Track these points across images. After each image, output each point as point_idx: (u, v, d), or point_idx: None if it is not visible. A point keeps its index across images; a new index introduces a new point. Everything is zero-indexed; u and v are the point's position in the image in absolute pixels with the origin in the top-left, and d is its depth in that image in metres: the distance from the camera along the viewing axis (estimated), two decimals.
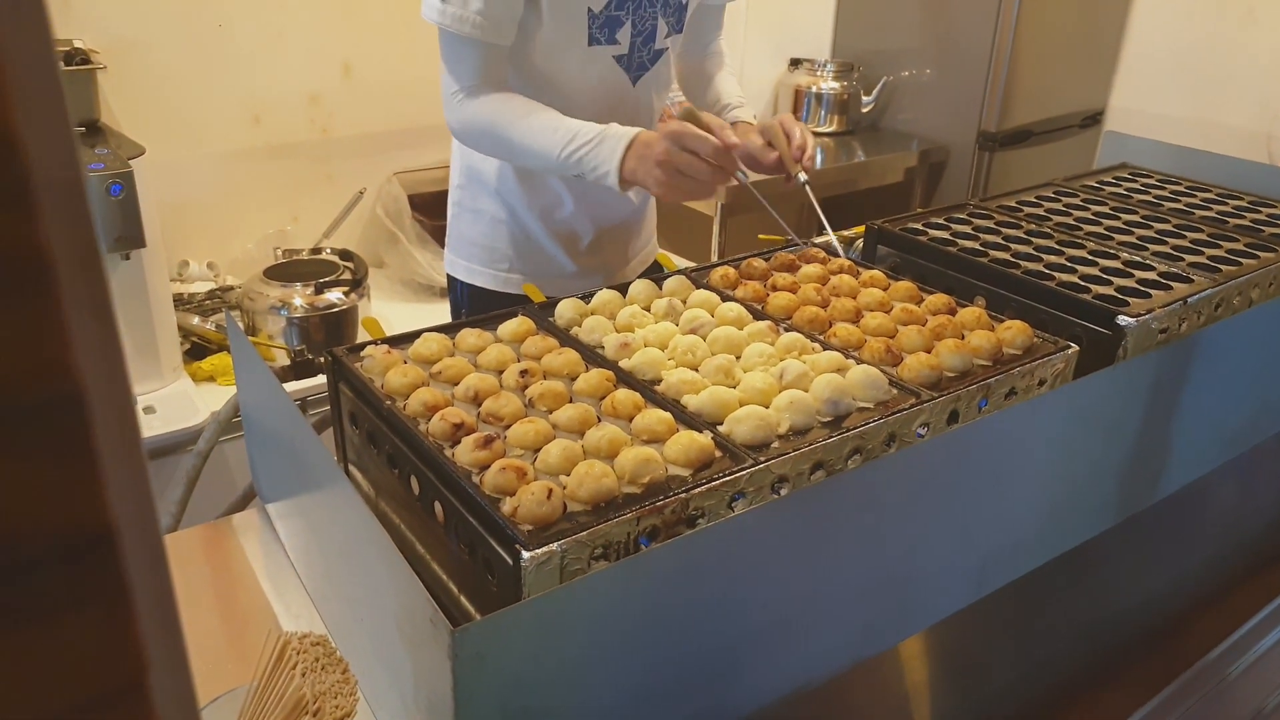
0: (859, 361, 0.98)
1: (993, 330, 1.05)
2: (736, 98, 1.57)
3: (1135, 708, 1.09)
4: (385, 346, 0.99)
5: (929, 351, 1.01)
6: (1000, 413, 0.90)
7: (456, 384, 0.95)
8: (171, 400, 1.93)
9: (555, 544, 0.71)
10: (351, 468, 1.05)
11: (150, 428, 1.83)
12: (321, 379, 1.06)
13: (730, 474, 0.80)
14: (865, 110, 3.10)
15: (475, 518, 0.77)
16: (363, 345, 1.01)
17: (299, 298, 2.10)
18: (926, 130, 3.06)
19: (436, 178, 2.64)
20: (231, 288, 2.34)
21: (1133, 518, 1.15)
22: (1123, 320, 1.08)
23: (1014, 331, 1.03)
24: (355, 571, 0.82)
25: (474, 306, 1.57)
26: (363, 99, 2.52)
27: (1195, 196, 1.53)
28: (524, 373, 0.95)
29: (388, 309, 2.39)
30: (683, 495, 0.78)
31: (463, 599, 0.85)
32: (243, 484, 1.24)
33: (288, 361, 1.18)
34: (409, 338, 1.04)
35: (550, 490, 0.75)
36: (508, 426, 0.87)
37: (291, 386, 1.47)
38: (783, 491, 0.83)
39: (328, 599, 0.95)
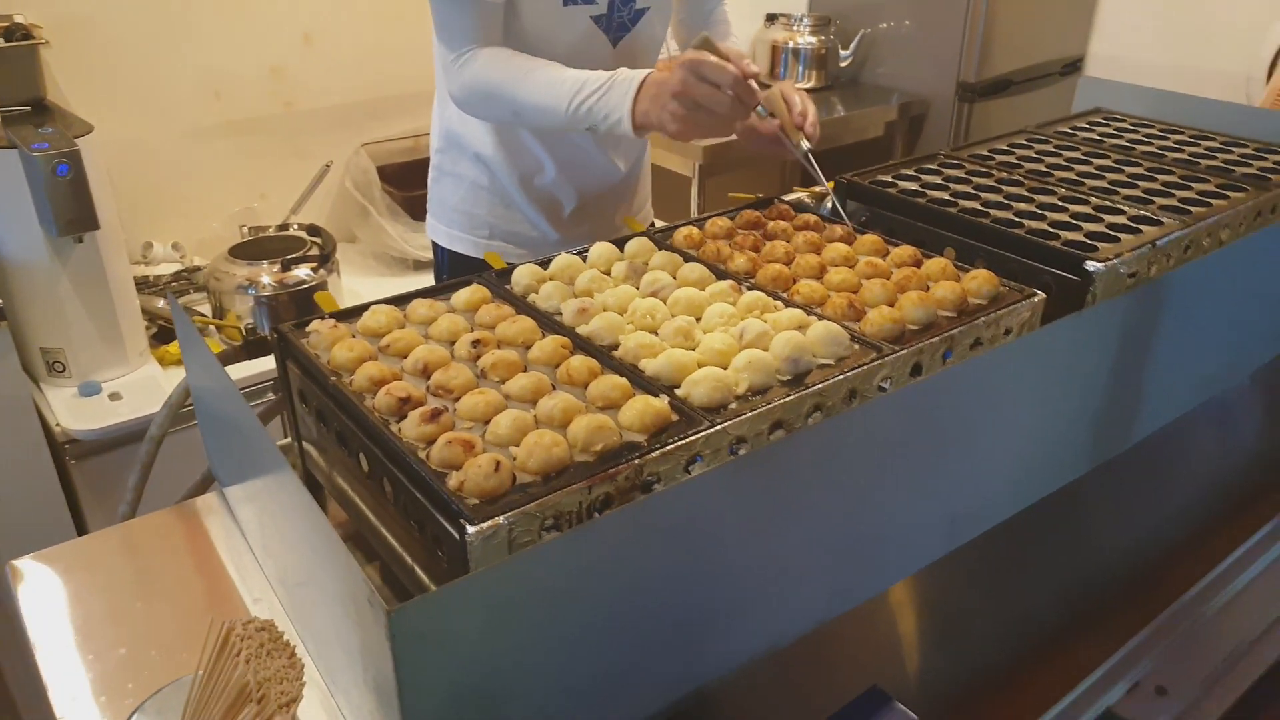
0: (821, 318, 0.96)
1: (958, 281, 1.03)
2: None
3: (1113, 650, 1.09)
4: (331, 321, 0.96)
5: (892, 305, 0.98)
6: (964, 364, 0.88)
7: (406, 357, 0.92)
8: (138, 386, 1.90)
9: (501, 517, 0.69)
10: (307, 445, 1.02)
11: (117, 414, 1.80)
12: None
13: (686, 437, 0.78)
14: (844, 64, 3.05)
15: (422, 493, 0.75)
16: (309, 320, 0.98)
17: (266, 276, 2.06)
18: (906, 83, 3.01)
19: (405, 148, 2.59)
20: (198, 268, 2.30)
21: (1108, 464, 1.13)
22: (1090, 266, 1.06)
23: (979, 281, 1.01)
24: (302, 554, 0.80)
25: (456, 273, 1.53)
26: (326, 70, 2.47)
27: (1168, 139, 1.50)
28: (476, 343, 0.93)
29: (360, 283, 2.36)
30: (636, 461, 0.75)
31: (422, 575, 0.83)
32: (204, 467, 1.22)
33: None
34: (358, 311, 1.01)
35: (498, 462, 0.73)
36: (458, 399, 0.85)
37: (251, 366, 1.45)
38: (741, 453, 0.81)
39: (284, 582, 0.93)
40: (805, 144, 1.27)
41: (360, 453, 0.85)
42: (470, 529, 0.68)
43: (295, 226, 2.32)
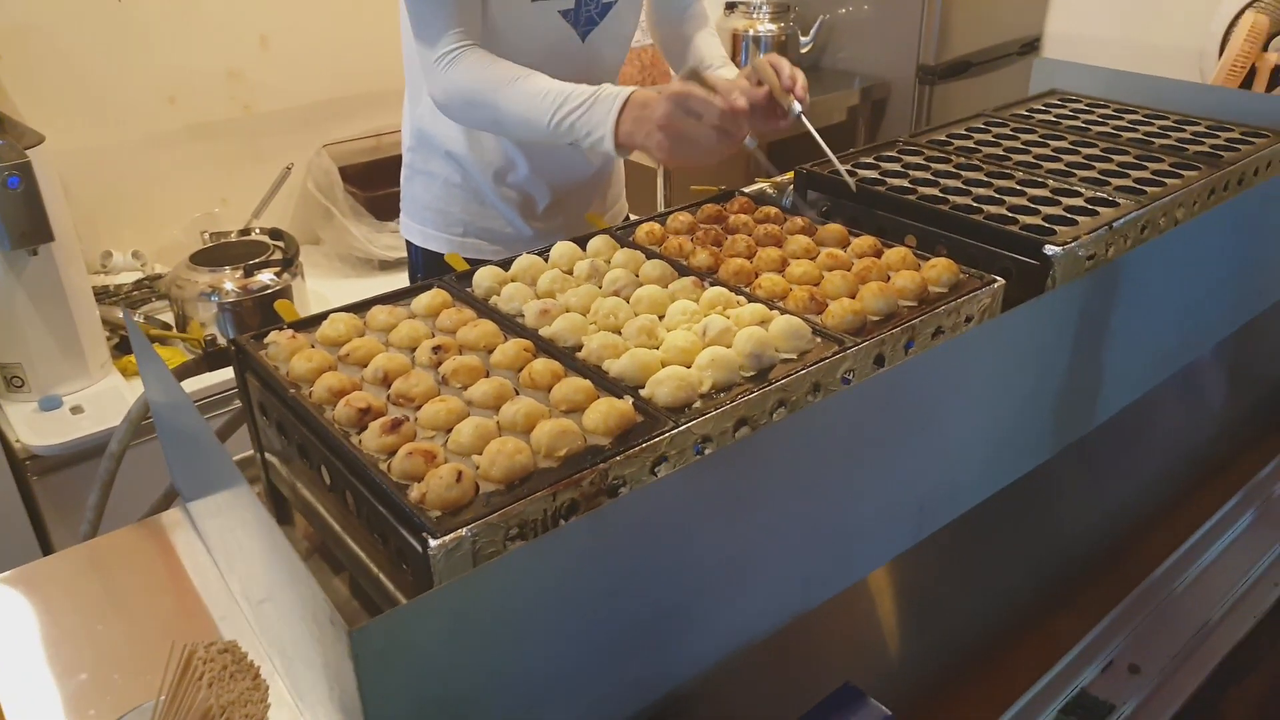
0: (784, 312, 0.96)
1: (918, 270, 1.03)
2: (719, 58, 1.49)
3: (1086, 630, 1.10)
4: (290, 331, 0.95)
5: (853, 297, 0.98)
6: (926, 353, 0.88)
7: (366, 365, 0.91)
8: (101, 398, 1.87)
9: (464, 529, 0.69)
10: (270, 457, 1.01)
11: (79, 428, 1.77)
12: None
13: (650, 439, 0.78)
14: (804, 50, 3.05)
15: (384, 506, 0.74)
16: (267, 331, 0.97)
17: (229, 282, 2.03)
18: (867, 67, 3.01)
19: (367, 147, 2.57)
20: (160, 276, 2.26)
21: (1073, 444, 1.14)
22: (1049, 250, 1.06)
23: (939, 269, 1.01)
24: (264, 571, 0.79)
25: (430, 271, 1.52)
26: (284, 72, 2.43)
27: (1122, 119, 1.51)
28: (437, 349, 0.92)
29: (326, 286, 2.33)
30: (601, 465, 0.75)
31: (389, 586, 0.82)
32: (167, 481, 1.20)
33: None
34: (319, 320, 1.00)
35: (459, 472, 0.72)
36: (419, 407, 0.84)
37: (215, 376, 1.43)
38: (706, 452, 0.81)
39: (249, 598, 0.92)
40: (797, 106, 1.25)
41: (321, 465, 0.84)
42: (433, 542, 0.67)
43: (257, 231, 2.29)
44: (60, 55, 2.10)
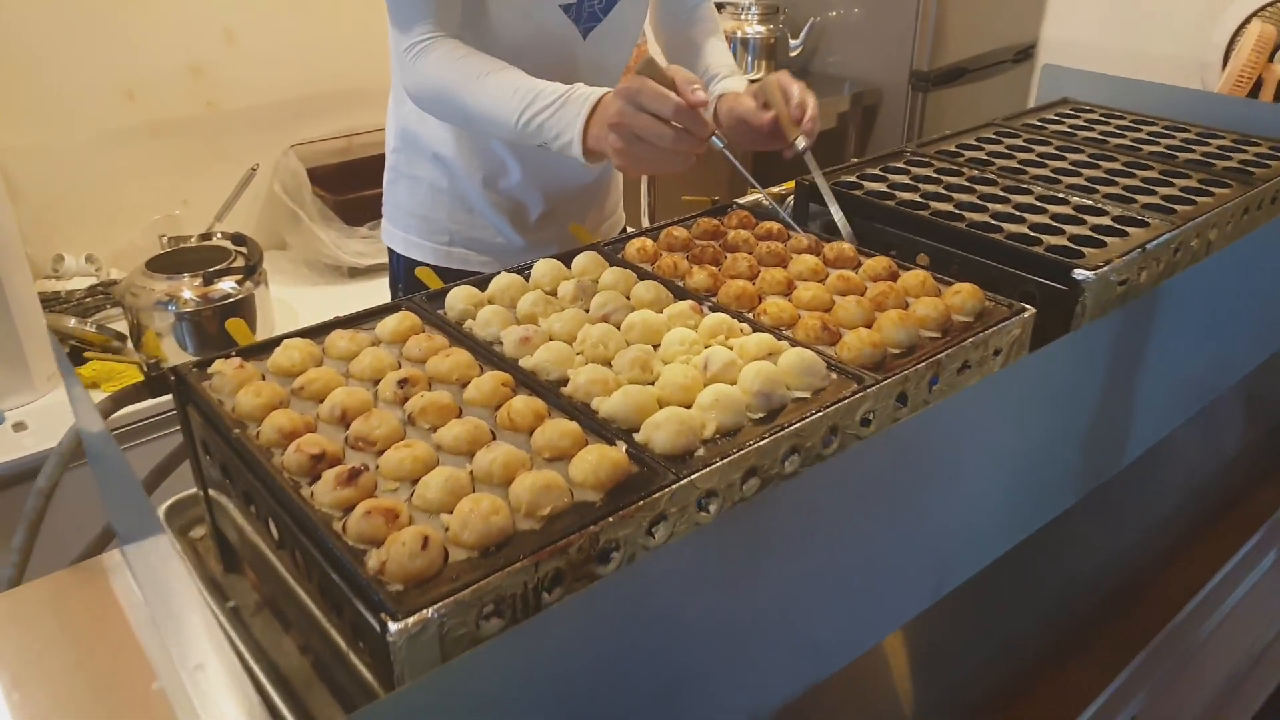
0: (793, 343, 0.86)
1: (939, 296, 0.93)
2: (726, 67, 1.38)
3: (1105, 681, 1.02)
4: (237, 361, 0.84)
5: (870, 326, 0.88)
6: (958, 395, 0.79)
7: (323, 400, 0.80)
8: (47, 414, 1.74)
9: (430, 609, 0.58)
10: (216, 495, 0.90)
11: (21, 447, 1.65)
12: None
13: (648, 495, 0.68)
14: (793, 54, 2.96)
15: (337, 574, 0.64)
16: (212, 359, 0.86)
17: (187, 290, 1.91)
18: (858, 72, 2.93)
19: (337, 148, 2.45)
20: (115, 282, 2.13)
21: None
22: (1079, 274, 0.97)
23: (963, 296, 0.92)
24: (195, 636, 0.68)
25: (412, 283, 1.41)
26: (250, 68, 2.31)
27: (1141, 130, 1.43)
28: (403, 382, 0.81)
29: (292, 294, 2.21)
30: (591, 528, 0.65)
31: (351, 656, 0.72)
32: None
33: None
34: (273, 345, 0.89)
35: (425, 538, 0.62)
36: (381, 452, 0.73)
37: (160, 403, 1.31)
38: (711, 508, 0.71)
39: (184, 664, 0.80)
40: (802, 142, 1.14)
41: (269, 518, 0.73)
42: (393, 626, 0.57)
43: (219, 235, 2.17)
44: (7, 44, 1.97)
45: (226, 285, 1.94)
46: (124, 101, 2.17)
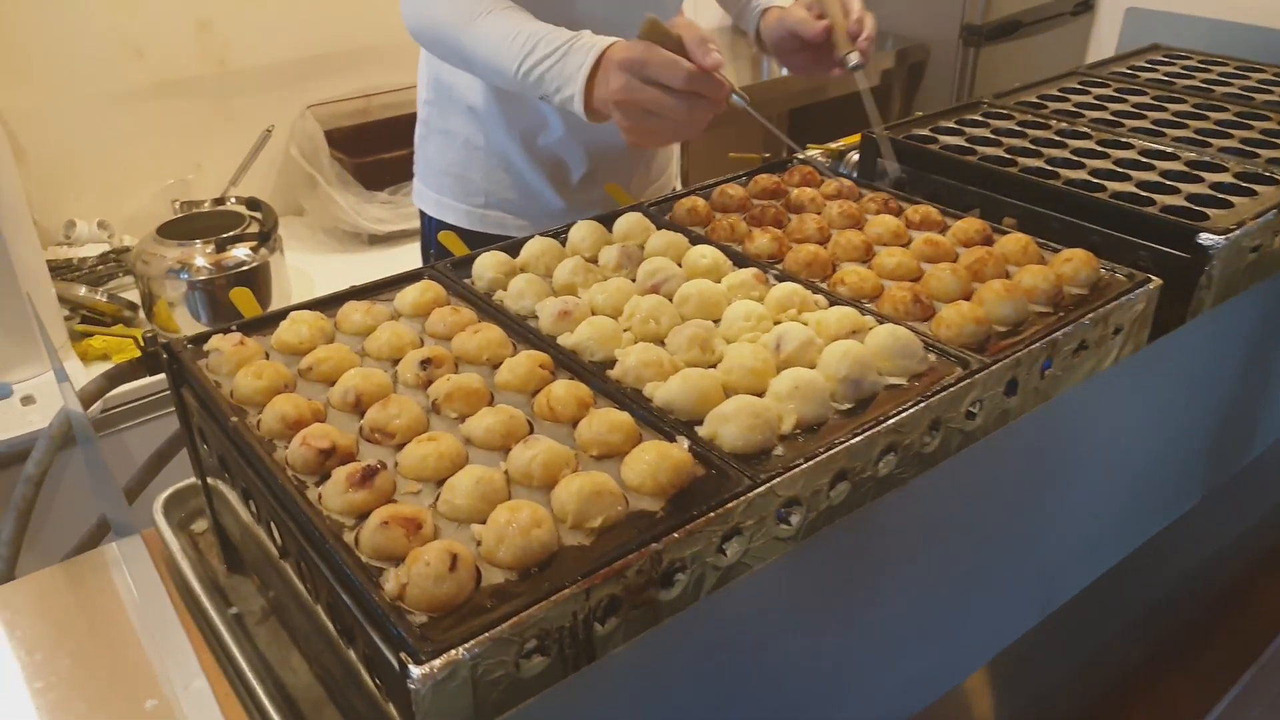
0: (879, 318, 0.74)
1: (1044, 263, 0.81)
2: None
3: (1209, 700, 0.91)
4: (237, 336, 0.73)
5: (968, 298, 0.76)
6: (1086, 383, 0.66)
7: (334, 384, 0.69)
8: (56, 387, 1.65)
9: (460, 649, 0.47)
10: (216, 482, 0.79)
11: (28, 421, 1.56)
12: None
13: (719, 506, 0.56)
14: None
15: (349, 596, 0.53)
16: (209, 334, 0.75)
17: (200, 257, 1.81)
18: (904, 27, 2.76)
19: (356, 109, 2.33)
20: (127, 249, 2.04)
21: None
22: (1206, 239, 0.84)
23: (1075, 264, 0.79)
24: (182, 660, 0.58)
25: (444, 249, 1.30)
26: (262, 23, 2.19)
27: (1249, 78, 1.28)
28: (426, 363, 0.70)
29: (309, 262, 2.11)
30: (654, 546, 0.53)
31: (367, 679, 0.61)
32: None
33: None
34: (277, 319, 0.78)
35: (454, 556, 0.51)
36: (401, 445, 0.62)
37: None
38: (792, 519, 0.59)
39: (175, 682, 0.70)
40: (855, 58, 1.01)
41: (270, 522, 0.63)
42: (415, 671, 0.46)
43: (233, 200, 2.06)
44: (11, 5, 1.86)
45: (240, 252, 1.84)
46: (133, 60, 2.06)
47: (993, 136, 1.10)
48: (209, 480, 0.80)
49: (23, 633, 0.79)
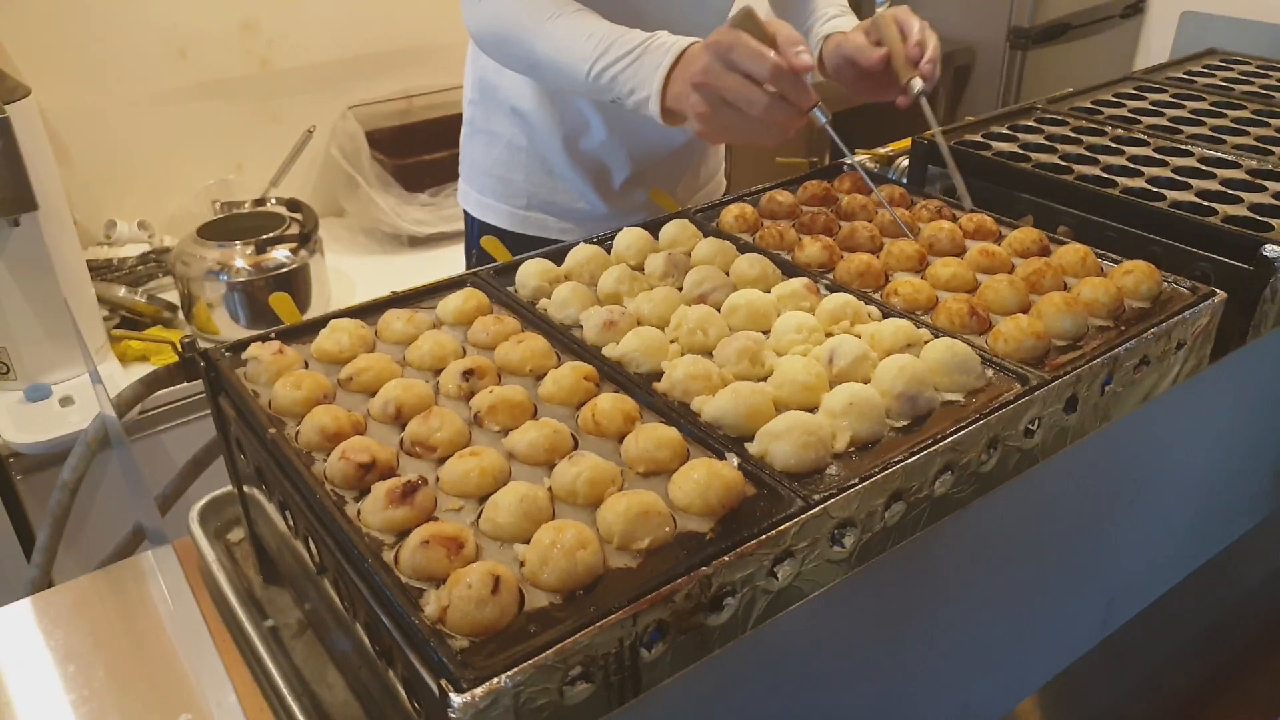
0: (934, 331, 0.71)
1: (1104, 275, 0.78)
2: (838, 5, 1.20)
3: None
4: (276, 345, 0.72)
5: (1025, 311, 0.73)
6: (1149, 405, 0.63)
7: (374, 395, 0.68)
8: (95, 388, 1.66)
9: (503, 676, 0.45)
10: (253, 490, 0.78)
11: (68, 423, 1.57)
12: None
13: (772, 527, 0.54)
14: (880, 7, 2.75)
15: (387, 617, 0.51)
16: (247, 342, 0.74)
17: (240, 258, 1.82)
18: (948, 29, 2.71)
19: (398, 110, 2.33)
20: (167, 250, 2.05)
21: None
22: (1271, 251, 0.80)
23: (1136, 276, 0.76)
24: (216, 675, 0.57)
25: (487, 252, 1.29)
26: (306, 24, 2.20)
27: None
28: (468, 373, 0.68)
29: (349, 263, 2.11)
30: (702, 570, 0.51)
31: (406, 700, 0.60)
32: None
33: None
34: (316, 327, 0.77)
35: (497, 579, 0.49)
36: (443, 460, 0.61)
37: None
38: (846, 541, 0.57)
39: (210, 696, 0.69)
40: (919, 83, 0.97)
41: (308, 537, 0.62)
42: (456, 699, 0.44)
43: (273, 201, 2.07)
44: (56, 2, 1.88)
45: (280, 254, 1.84)
46: (177, 60, 2.08)
47: (1046, 143, 1.07)
48: (246, 489, 0.79)
49: (58, 643, 0.78)
